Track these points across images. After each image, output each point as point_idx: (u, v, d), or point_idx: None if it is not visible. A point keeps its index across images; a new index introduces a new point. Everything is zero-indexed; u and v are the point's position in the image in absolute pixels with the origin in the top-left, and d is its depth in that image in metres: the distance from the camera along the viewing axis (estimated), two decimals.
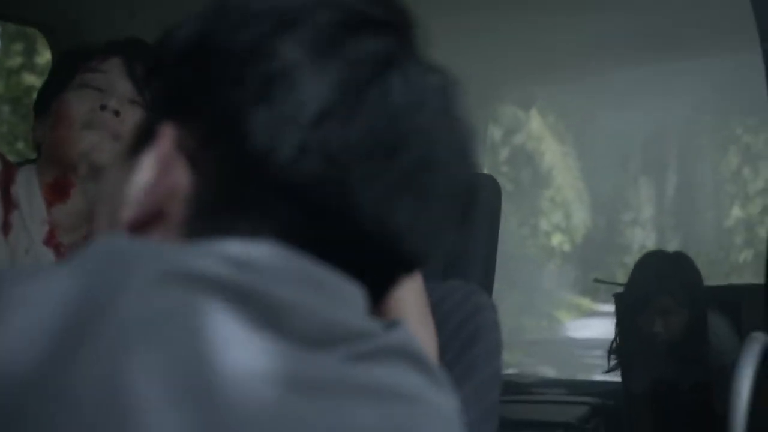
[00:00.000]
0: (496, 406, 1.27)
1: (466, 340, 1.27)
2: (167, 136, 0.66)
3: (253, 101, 0.62)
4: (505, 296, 10.18)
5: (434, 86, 0.67)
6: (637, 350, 2.80)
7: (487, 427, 1.25)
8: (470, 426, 1.26)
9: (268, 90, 0.62)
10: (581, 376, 5.66)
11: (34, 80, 7.36)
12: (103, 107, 1.43)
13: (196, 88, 0.66)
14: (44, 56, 7.18)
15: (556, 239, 11.63)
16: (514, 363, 8.18)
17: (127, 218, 0.66)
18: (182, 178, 0.65)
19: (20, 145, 7.18)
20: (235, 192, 0.63)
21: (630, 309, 2.79)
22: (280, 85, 0.62)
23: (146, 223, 0.65)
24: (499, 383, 1.28)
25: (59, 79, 1.52)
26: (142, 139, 0.68)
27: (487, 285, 1.80)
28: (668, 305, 2.70)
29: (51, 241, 1.43)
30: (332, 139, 0.62)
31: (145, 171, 0.66)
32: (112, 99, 1.44)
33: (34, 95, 1.62)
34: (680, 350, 2.72)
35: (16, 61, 7.56)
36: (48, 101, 1.50)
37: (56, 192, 1.44)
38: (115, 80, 1.47)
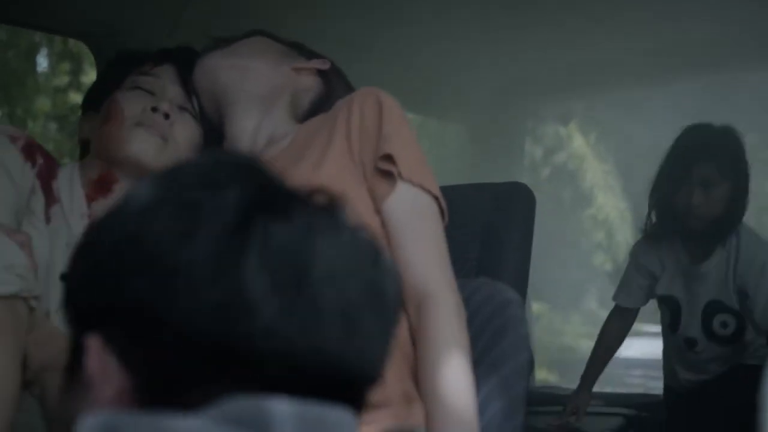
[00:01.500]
0: (524, 398, 1.28)
1: (494, 334, 1.30)
2: (94, 346, 0.69)
3: (156, 294, 0.66)
4: (546, 316, 10.13)
5: (319, 212, 0.70)
6: (674, 227, 2.58)
7: (515, 418, 1.27)
8: (497, 416, 1.28)
9: (164, 279, 0.66)
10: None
11: (80, 99, 7.48)
12: (154, 109, 1.49)
13: (107, 299, 0.69)
14: (90, 75, 7.30)
15: (598, 259, 11.54)
16: (553, 381, 8.13)
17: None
18: (120, 378, 0.68)
19: (66, 161, 7.29)
20: (176, 375, 0.67)
21: (670, 180, 2.55)
22: (167, 270, 0.66)
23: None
24: (527, 376, 1.30)
25: (111, 80, 1.57)
26: (75, 357, 0.72)
27: (520, 290, 1.81)
28: (710, 176, 2.48)
29: None
30: (233, 291, 0.65)
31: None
32: (163, 102, 1.50)
33: (80, 114, 1.67)
34: (719, 225, 2.50)
35: (63, 80, 7.69)
36: (99, 100, 1.55)
37: (99, 187, 1.48)
38: (167, 85, 1.53)
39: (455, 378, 1.21)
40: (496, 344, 1.29)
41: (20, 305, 1.24)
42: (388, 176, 1.34)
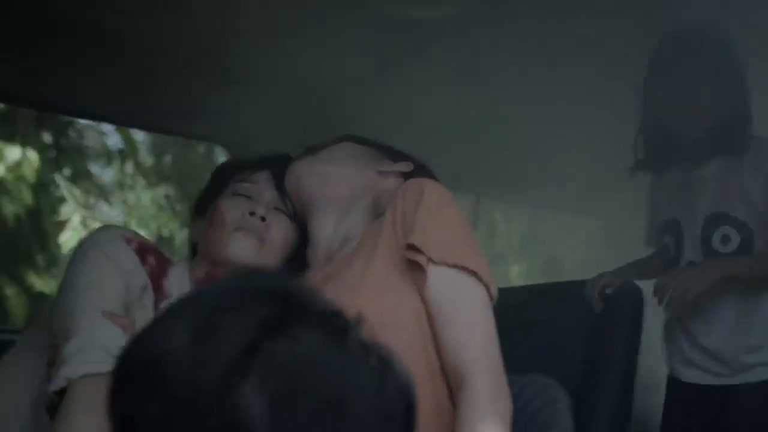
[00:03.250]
0: None
1: (541, 427, 1.32)
2: None
3: (170, 417, 0.70)
4: None
5: (328, 335, 0.73)
6: (669, 136, 2.27)
7: None
8: None
9: (175, 403, 0.70)
10: None
11: None
12: (251, 213, 1.62)
13: (131, 412, 0.73)
14: None
15: None
16: None
17: None
18: None
19: None
20: None
21: (658, 85, 2.24)
22: (179, 395, 0.70)
23: None
24: None
25: (216, 187, 1.72)
26: None
27: (628, 384, 1.81)
28: (700, 75, 2.19)
29: None
30: (234, 414, 0.68)
31: None
32: (260, 206, 1.63)
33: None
34: (716, 128, 2.19)
35: None
36: (205, 206, 1.70)
37: (205, 286, 1.61)
38: (263, 190, 1.67)
39: None
40: None
41: None
42: (419, 265, 1.35)
